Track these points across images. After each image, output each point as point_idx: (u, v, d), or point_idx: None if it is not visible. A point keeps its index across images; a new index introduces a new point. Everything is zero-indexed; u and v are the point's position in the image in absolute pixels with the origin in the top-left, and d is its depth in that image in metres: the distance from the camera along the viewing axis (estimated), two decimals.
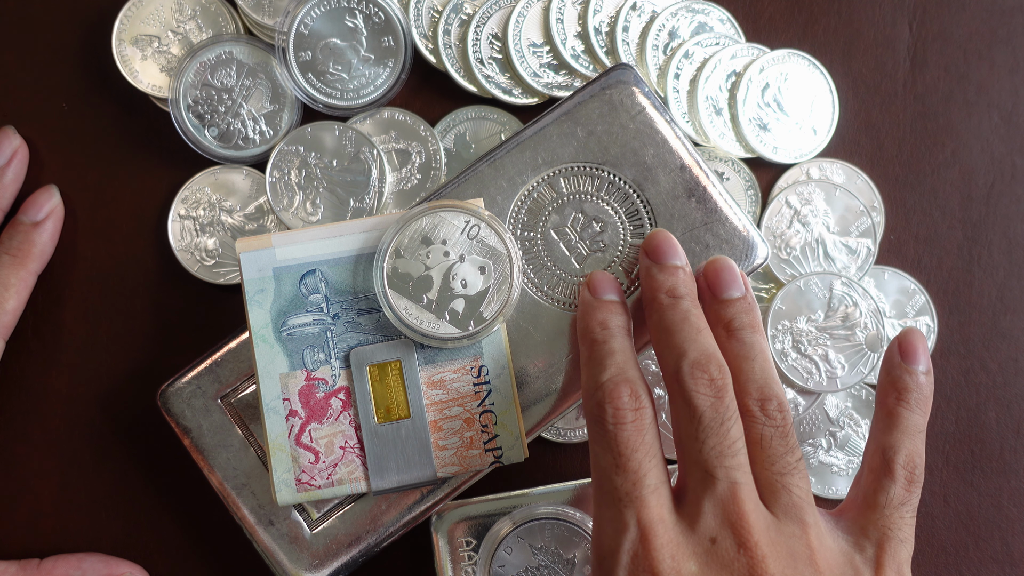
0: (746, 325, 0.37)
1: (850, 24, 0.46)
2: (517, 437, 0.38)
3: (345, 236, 0.38)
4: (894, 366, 0.38)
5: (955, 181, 0.46)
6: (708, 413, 0.34)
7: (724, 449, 0.34)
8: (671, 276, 0.38)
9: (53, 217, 0.44)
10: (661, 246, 0.38)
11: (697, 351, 0.35)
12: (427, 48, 0.45)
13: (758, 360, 0.36)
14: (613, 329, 0.37)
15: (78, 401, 0.44)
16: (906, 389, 0.37)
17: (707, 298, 0.38)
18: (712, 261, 0.38)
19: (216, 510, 0.43)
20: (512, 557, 0.40)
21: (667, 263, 0.38)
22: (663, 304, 0.37)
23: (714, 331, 0.37)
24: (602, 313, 0.38)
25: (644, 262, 0.39)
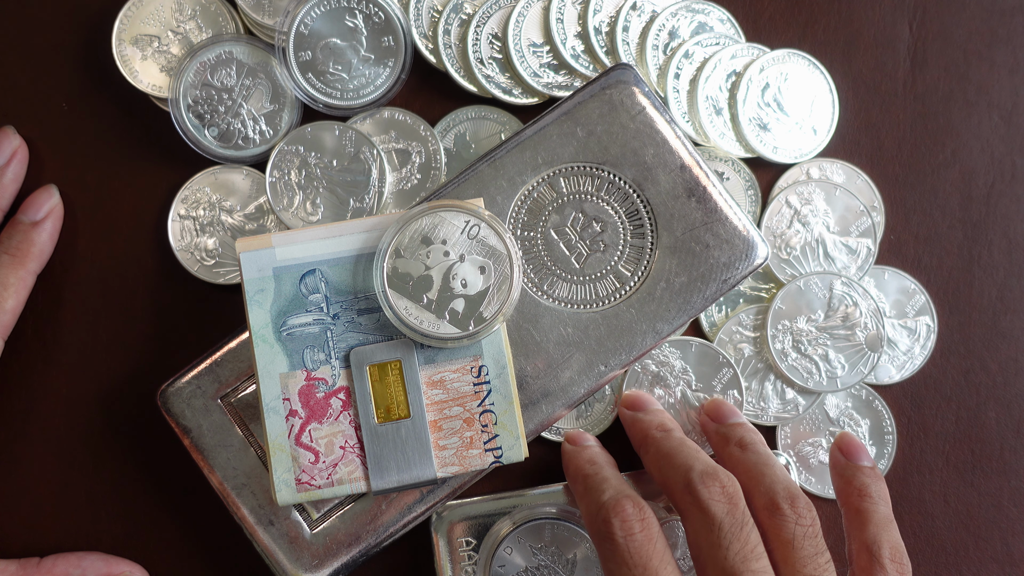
0: (758, 441, 0.40)
1: (850, 24, 0.46)
2: (517, 437, 0.38)
3: (345, 236, 0.38)
4: (844, 467, 0.40)
5: (955, 181, 0.46)
6: (726, 520, 0.35)
7: (748, 553, 0.35)
8: (657, 416, 0.41)
9: (52, 216, 0.43)
10: (640, 398, 0.42)
11: (702, 464, 0.37)
12: (427, 48, 0.45)
13: (778, 467, 0.38)
14: (601, 463, 0.40)
15: (78, 401, 0.44)
16: (864, 484, 0.39)
17: (710, 428, 0.42)
18: (710, 401, 0.43)
19: (216, 510, 0.43)
20: (512, 557, 0.40)
21: (650, 408, 0.42)
22: (656, 438, 0.40)
23: (723, 451, 0.40)
24: (587, 453, 0.40)
25: (626, 414, 0.42)
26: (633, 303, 0.40)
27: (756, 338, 0.44)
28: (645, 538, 0.35)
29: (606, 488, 0.37)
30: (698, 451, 0.38)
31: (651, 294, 0.40)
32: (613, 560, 0.35)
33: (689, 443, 0.39)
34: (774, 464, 0.38)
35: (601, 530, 0.36)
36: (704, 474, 0.36)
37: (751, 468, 0.38)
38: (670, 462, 0.38)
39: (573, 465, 0.40)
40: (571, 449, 0.41)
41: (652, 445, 0.39)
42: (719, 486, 0.36)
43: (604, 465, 0.40)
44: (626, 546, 0.35)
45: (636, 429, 0.41)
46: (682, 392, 0.43)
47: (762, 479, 0.37)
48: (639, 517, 0.36)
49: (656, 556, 0.35)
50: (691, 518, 0.36)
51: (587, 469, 0.39)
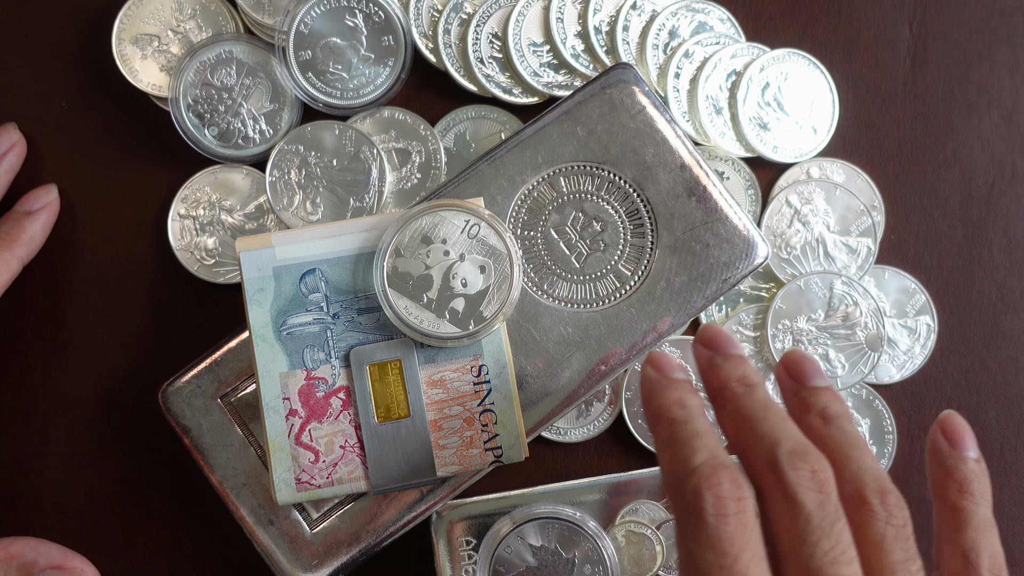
0: (843, 414, 0.34)
1: (850, 23, 0.46)
2: (517, 436, 0.38)
3: (345, 235, 0.38)
4: (945, 455, 0.35)
5: (955, 180, 0.46)
6: (817, 512, 0.30)
7: (838, 555, 0.30)
8: (739, 365, 0.35)
9: (48, 210, 0.44)
10: (719, 336, 0.36)
11: (791, 440, 0.31)
12: (427, 47, 0.45)
13: (866, 450, 0.33)
14: (692, 408, 0.33)
15: (78, 401, 0.44)
16: (966, 480, 0.34)
17: (787, 387, 0.36)
18: (791, 351, 0.36)
19: (216, 510, 0.43)
20: (512, 557, 0.40)
21: (730, 352, 0.35)
22: (737, 392, 0.34)
23: (802, 420, 0.34)
24: (677, 391, 0.34)
25: (703, 353, 0.36)
26: (633, 302, 0.40)
27: (756, 337, 0.44)
28: (740, 524, 0.30)
29: (699, 448, 0.31)
30: (786, 420, 0.32)
31: (651, 293, 0.40)
32: (696, 540, 0.30)
33: (776, 408, 0.33)
34: (862, 446, 0.33)
35: (688, 501, 0.30)
36: (794, 453, 0.31)
37: (835, 448, 0.33)
38: (752, 428, 0.32)
39: (656, 402, 0.34)
40: (655, 378, 0.35)
41: (731, 401, 0.34)
42: (810, 470, 0.31)
43: (697, 413, 0.33)
44: (717, 529, 0.30)
45: (712, 376, 0.35)
46: None
47: (848, 464, 0.32)
48: (736, 495, 0.30)
49: (749, 548, 0.30)
50: (772, 501, 0.31)
51: (675, 412, 0.33)
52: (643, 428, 0.43)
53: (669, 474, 0.32)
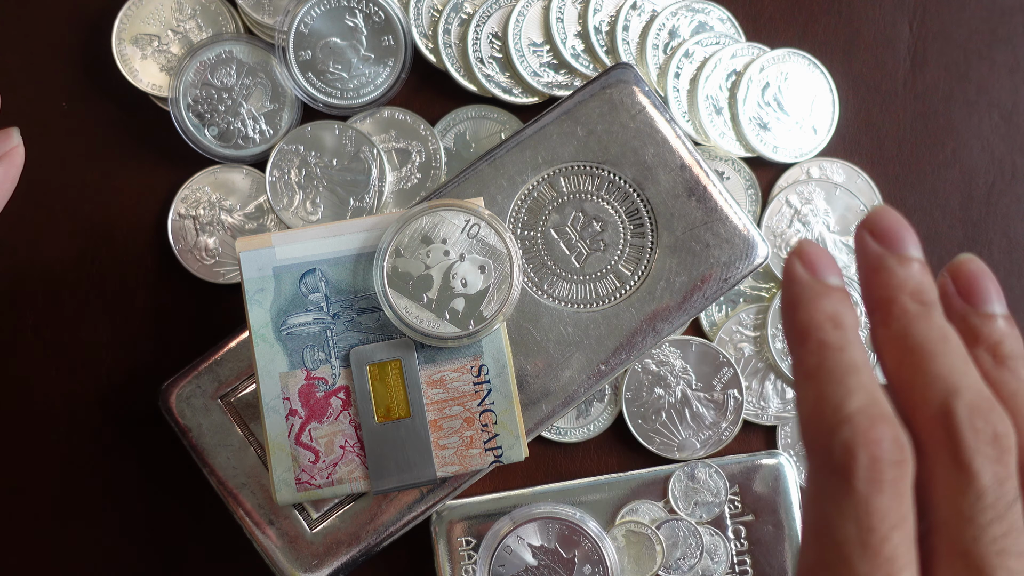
0: (1020, 354, 0.27)
1: (850, 23, 0.46)
2: (517, 436, 0.38)
3: (345, 235, 0.38)
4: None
5: (955, 180, 0.46)
6: (992, 488, 0.24)
7: (1009, 545, 0.24)
8: (917, 273, 0.27)
9: (6, 161, 0.38)
10: (896, 229, 0.27)
11: (974, 391, 0.25)
12: (427, 47, 0.45)
13: None
14: (849, 331, 0.26)
15: (78, 401, 0.44)
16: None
17: (956, 308, 0.28)
18: (964, 260, 0.28)
19: (216, 510, 0.43)
20: (512, 557, 0.40)
21: (907, 254, 0.27)
22: (909, 311, 0.26)
23: (969, 354, 0.27)
24: (832, 303, 0.26)
25: (871, 248, 0.27)
26: (633, 302, 0.40)
27: (756, 337, 0.44)
28: (896, 495, 0.24)
29: (854, 388, 0.25)
30: (967, 362, 0.25)
31: (651, 293, 0.40)
32: (838, 507, 0.24)
33: (955, 341, 0.26)
34: None
35: (835, 457, 0.24)
36: (976, 409, 0.24)
37: (1009, 400, 0.26)
38: (923, 364, 0.25)
39: (806, 313, 0.26)
40: (806, 280, 0.27)
41: (899, 320, 0.26)
42: (991, 435, 0.24)
43: (854, 338, 0.26)
44: (867, 498, 0.24)
45: (878, 281, 0.27)
46: (682, 392, 0.43)
47: (1019, 420, 0.25)
48: (897, 458, 0.24)
49: (902, 528, 0.24)
50: (934, 461, 0.25)
51: (829, 334, 0.26)
52: (643, 428, 0.43)
53: (813, 415, 0.25)
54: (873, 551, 0.24)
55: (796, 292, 0.27)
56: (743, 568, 0.42)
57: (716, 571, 0.41)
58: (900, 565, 0.24)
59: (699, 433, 0.43)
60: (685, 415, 0.43)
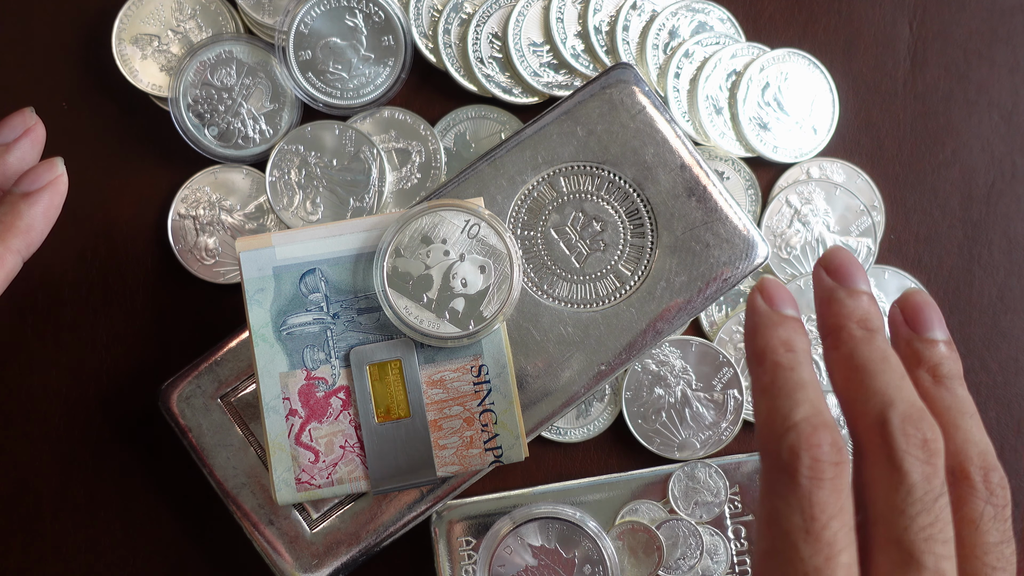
0: (956, 375, 0.32)
1: (850, 23, 0.46)
2: (517, 436, 0.38)
3: (345, 235, 0.38)
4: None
5: (955, 180, 0.46)
6: (921, 484, 0.28)
7: (936, 532, 0.28)
8: (863, 304, 0.32)
9: (50, 191, 0.38)
10: (847, 266, 0.32)
11: (907, 403, 0.29)
12: (427, 47, 0.45)
13: (976, 419, 0.31)
14: (800, 353, 0.30)
15: (78, 401, 0.44)
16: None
17: (901, 334, 0.33)
18: (912, 292, 0.33)
19: (216, 510, 0.43)
20: (512, 557, 0.40)
21: (856, 287, 0.32)
22: (855, 336, 0.31)
23: (910, 374, 0.31)
24: (785, 331, 0.31)
25: (825, 283, 0.32)
26: (633, 302, 0.40)
27: None
28: (834, 490, 0.28)
29: (801, 400, 0.29)
30: (904, 378, 0.30)
31: (651, 293, 0.40)
32: (785, 501, 0.28)
33: (895, 361, 0.30)
34: (972, 415, 0.31)
35: (782, 458, 0.28)
36: (907, 418, 0.29)
37: (943, 413, 0.31)
38: (865, 381, 0.30)
39: (763, 339, 0.31)
40: (764, 311, 0.32)
41: (846, 344, 0.31)
42: (920, 439, 0.28)
43: (804, 359, 0.30)
44: (809, 493, 0.28)
45: (830, 311, 0.32)
46: (682, 392, 0.43)
47: (955, 433, 0.30)
48: (834, 459, 0.28)
49: (840, 517, 0.28)
50: (872, 463, 0.29)
51: (781, 356, 0.30)
52: (643, 428, 0.43)
53: (765, 424, 0.30)
54: (815, 536, 0.28)
55: (755, 321, 0.32)
56: (743, 568, 0.42)
57: (716, 571, 0.41)
58: (839, 548, 0.28)
59: (699, 433, 0.43)
60: (685, 415, 0.43)
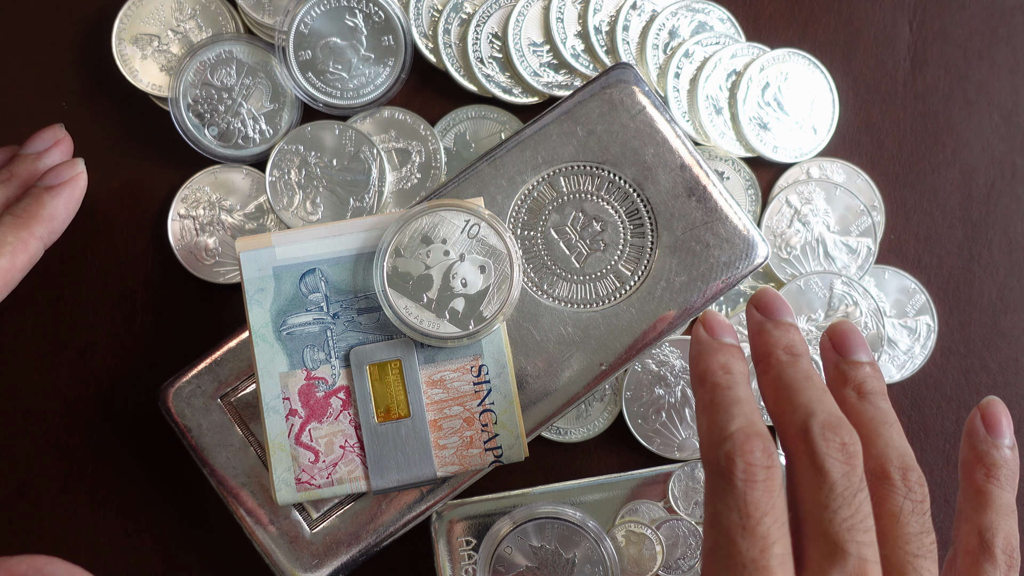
0: (878, 391, 0.36)
1: (850, 23, 0.46)
2: (517, 436, 0.38)
3: (345, 235, 0.38)
4: (979, 440, 0.37)
5: (955, 180, 0.46)
6: (841, 481, 0.32)
7: (857, 523, 0.32)
8: (787, 333, 0.36)
9: (71, 185, 0.42)
10: (773, 302, 0.37)
11: (826, 412, 0.33)
12: (427, 47, 0.45)
13: (896, 428, 0.35)
14: (736, 375, 0.35)
15: (78, 401, 0.44)
16: (995, 465, 0.36)
17: (829, 358, 0.37)
18: (838, 323, 0.38)
19: (216, 510, 0.43)
20: (512, 557, 0.40)
21: (781, 320, 0.37)
22: (781, 361, 0.35)
23: (839, 392, 0.36)
24: (724, 356, 0.36)
25: (755, 317, 0.37)
26: (633, 302, 0.40)
27: None
28: (766, 490, 0.32)
29: (736, 414, 0.33)
30: (824, 393, 0.34)
31: (651, 293, 0.40)
32: (724, 502, 0.32)
33: (816, 379, 0.35)
34: (892, 424, 0.35)
35: (720, 464, 0.32)
36: (826, 425, 0.33)
37: (867, 423, 0.35)
38: (790, 397, 0.34)
39: (703, 364, 0.36)
40: (706, 340, 0.36)
41: (774, 368, 0.35)
42: (839, 443, 0.32)
43: (740, 380, 0.35)
44: (744, 493, 0.32)
45: (760, 340, 0.37)
46: (682, 392, 0.43)
47: (876, 440, 0.34)
48: (766, 464, 0.32)
49: (772, 513, 0.32)
50: (799, 468, 0.33)
51: (719, 377, 0.35)
52: (643, 428, 0.43)
53: (705, 436, 0.34)
54: (750, 532, 0.31)
55: (698, 348, 0.36)
56: None
57: None
58: (772, 540, 0.31)
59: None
60: (685, 415, 0.43)
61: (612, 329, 0.40)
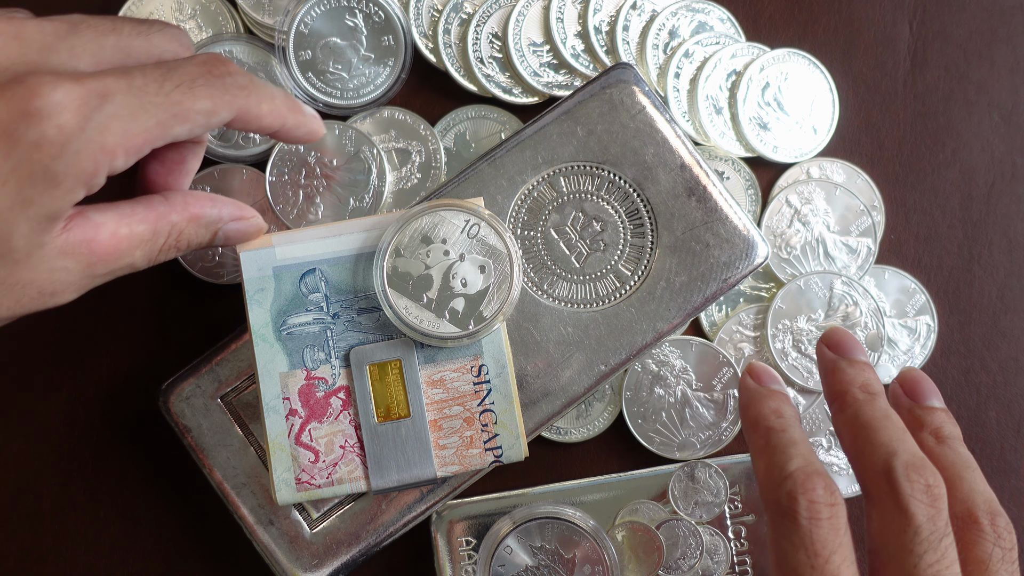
0: (956, 436, 0.36)
1: (850, 23, 0.46)
2: (517, 436, 0.38)
3: (345, 235, 0.38)
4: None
5: (955, 180, 0.46)
6: (926, 525, 0.32)
7: (943, 568, 0.31)
8: (863, 371, 0.36)
9: (312, 123, 0.37)
10: (846, 341, 0.37)
11: (908, 453, 0.33)
12: (427, 47, 0.45)
13: (978, 472, 0.35)
14: (788, 418, 0.35)
15: (78, 401, 0.44)
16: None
17: (902, 404, 0.37)
18: (907, 369, 0.38)
19: (216, 510, 0.43)
20: (512, 557, 0.40)
21: (856, 358, 0.37)
22: (858, 399, 0.35)
23: (915, 437, 0.35)
24: (775, 401, 0.36)
25: (827, 355, 0.38)
26: (633, 302, 0.40)
27: (756, 337, 0.44)
28: (832, 528, 0.32)
29: (794, 455, 0.33)
30: (904, 432, 0.34)
31: (651, 293, 0.40)
32: (790, 541, 0.32)
33: (895, 418, 0.34)
34: (974, 468, 0.35)
35: (783, 504, 0.32)
36: (910, 465, 0.32)
37: (948, 467, 0.34)
38: (870, 436, 0.34)
39: (755, 410, 0.36)
40: (754, 388, 0.37)
41: (852, 407, 0.35)
42: (924, 485, 0.32)
43: (792, 423, 0.35)
44: (810, 531, 0.32)
45: (835, 379, 0.37)
46: (682, 392, 0.43)
47: (961, 484, 0.34)
48: (829, 501, 0.32)
49: (840, 552, 0.32)
50: (882, 508, 0.32)
51: (772, 421, 0.35)
52: (643, 428, 0.43)
53: (764, 478, 0.34)
54: (819, 570, 0.31)
55: (747, 396, 0.37)
56: (743, 568, 0.42)
57: (716, 571, 0.41)
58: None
59: (699, 433, 0.43)
60: (685, 415, 0.43)
61: (612, 329, 0.40)
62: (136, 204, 0.34)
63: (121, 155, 0.31)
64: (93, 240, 0.32)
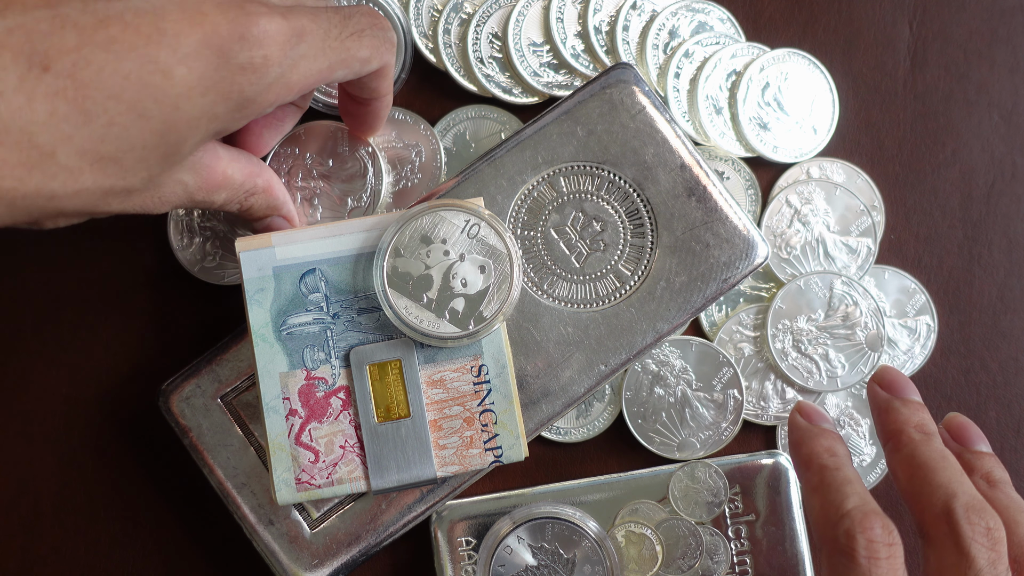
0: (1006, 480, 0.36)
1: (850, 23, 0.46)
2: (517, 436, 0.38)
3: (345, 235, 0.38)
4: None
5: (955, 180, 0.46)
6: (988, 569, 0.32)
7: None
8: (918, 412, 0.37)
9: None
10: (899, 380, 0.38)
11: (968, 495, 0.33)
12: (427, 47, 0.45)
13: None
14: (841, 457, 0.36)
15: (78, 401, 0.44)
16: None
17: (952, 449, 0.37)
18: (953, 415, 0.38)
19: (216, 510, 0.43)
20: (512, 557, 0.40)
21: (910, 398, 0.37)
22: (914, 439, 0.35)
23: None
24: (827, 440, 0.36)
25: (880, 395, 0.38)
26: (633, 302, 0.40)
27: (756, 337, 0.44)
28: (891, 568, 0.32)
29: (850, 494, 0.34)
30: (962, 474, 0.34)
31: (651, 293, 0.40)
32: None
33: (953, 460, 0.35)
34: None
35: (841, 543, 0.33)
36: (971, 507, 0.33)
37: (1003, 511, 0.34)
38: (928, 477, 0.34)
39: (808, 448, 0.36)
40: (805, 427, 0.37)
41: (907, 447, 0.35)
42: (984, 527, 0.32)
43: (846, 461, 0.36)
44: (869, 570, 0.32)
45: (889, 419, 0.37)
46: (682, 392, 0.43)
47: (1018, 528, 0.34)
48: (888, 541, 0.32)
49: None
50: (941, 550, 0.33)
51: (826, 460, 0.35)
52: (643, 428, 0.43)
53: (820, 516, 0.34)
54: None
55: (799, 435, 0.37)
56: (743, 568, 0.42)
57: (716, 571, 0.41)
58: None
59: (699, 433, 0.43)
60: (685, 415, 0.43)
61: (612, 329, 0.40)
62: (241, 154, 0.36)
63: (296, 92, 0.33)
64: (212, 168, 0.34)
